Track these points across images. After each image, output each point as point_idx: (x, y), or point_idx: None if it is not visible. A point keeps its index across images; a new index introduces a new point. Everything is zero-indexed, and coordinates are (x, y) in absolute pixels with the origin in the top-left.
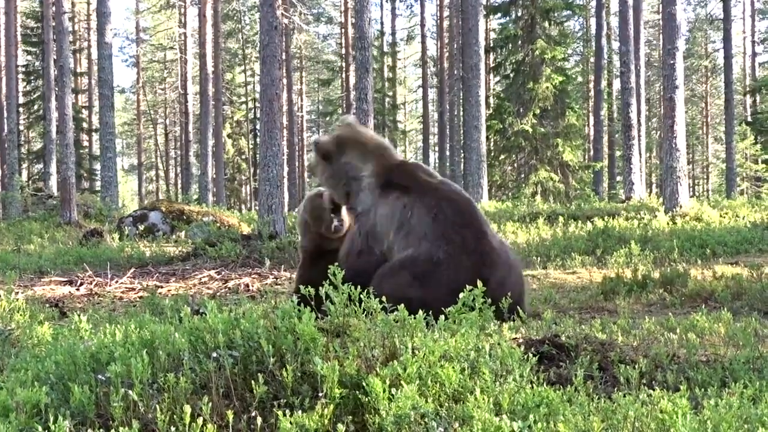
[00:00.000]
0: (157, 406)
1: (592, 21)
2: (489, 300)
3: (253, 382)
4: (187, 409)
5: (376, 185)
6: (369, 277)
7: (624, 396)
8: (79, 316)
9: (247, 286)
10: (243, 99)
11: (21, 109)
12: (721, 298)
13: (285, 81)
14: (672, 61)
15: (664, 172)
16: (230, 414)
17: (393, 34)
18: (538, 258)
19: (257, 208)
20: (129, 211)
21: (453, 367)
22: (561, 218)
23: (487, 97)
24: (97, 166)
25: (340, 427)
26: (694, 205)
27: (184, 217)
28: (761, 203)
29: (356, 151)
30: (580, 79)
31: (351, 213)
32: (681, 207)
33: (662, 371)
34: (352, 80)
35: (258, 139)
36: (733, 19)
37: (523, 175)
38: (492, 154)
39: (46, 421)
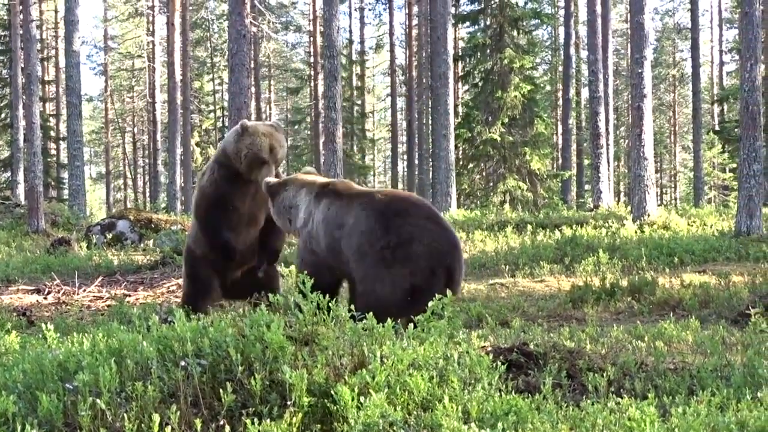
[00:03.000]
0: (125, 415)
1: (561, 30)
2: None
3: (221, 390)
4: (156, 417)
5: (310, 201)
6: (319, 277)
7: (592, 404)
8: (46, 324)
9: None
10: (211, 107)
11: None
12: (689, 307)
13: (253, 89)
14: (640, 70)
15: (632, 181)
16: (198, 422)
17: (362, 42)
18: (507, 266)
19: None
20: (97, 219)
21: (422, 375)
22: (529, 227)
23: (455, 106)
24: (65, 174)
25: None
26: (662, 214)
27: (153, 226)
28: (729, 212)
29: (295, 185)
30: (548, 87)
31: (295, 234)
32: (649, 215)
33: (630, 379)
34: (321, 89)
35: None
36: (700, 28)
37: (491, 184)
38: (460, 162)
39: (14, 430)
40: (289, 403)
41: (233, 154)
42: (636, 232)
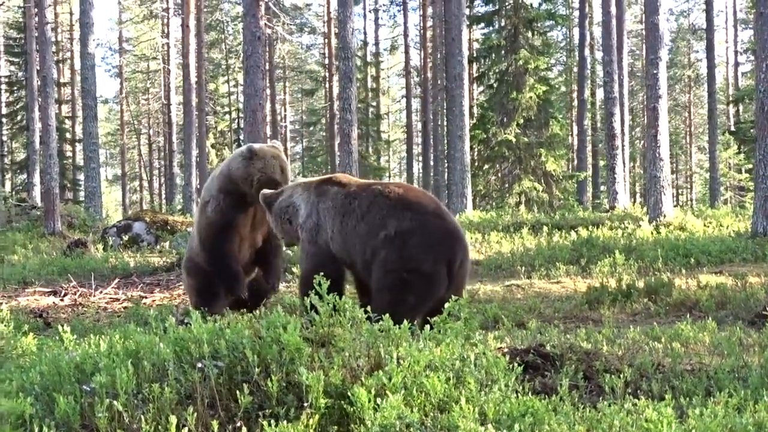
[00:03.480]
0: (142, 417)
1: (576, 31)
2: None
3: (238, 392)
4: (173, 419)
5: (310, 194)
6: (324, 269)
7: (609, 405)
8: (63, 326)
9: None
10: (226, 109)
11: (4, 120)
12: (705, 308)
13: (268, 91)
14: (655, 71)
15: (648, 182)
16: (215, 424)
17: (376, 44)
18: (523, 268)
19: None
20: (113, 221)
21: (438, 377)
22: (545, 228)
23: (470, 107)
24: (81, 176)
25: None
26: (678, 215)
27: (169, 228)
28: (745, 212)
29: (290, 189)
30: (563, 88)
31: (291, 237)
32: (665, 216)
33: (647, 380)
34: (336, 90)
35: None
36: (716, 28)
37: (507, 185)
38: (476, 163)
39: (31, 431)
40: (305, 404)
41: (242, 178)
42: (652, 233)
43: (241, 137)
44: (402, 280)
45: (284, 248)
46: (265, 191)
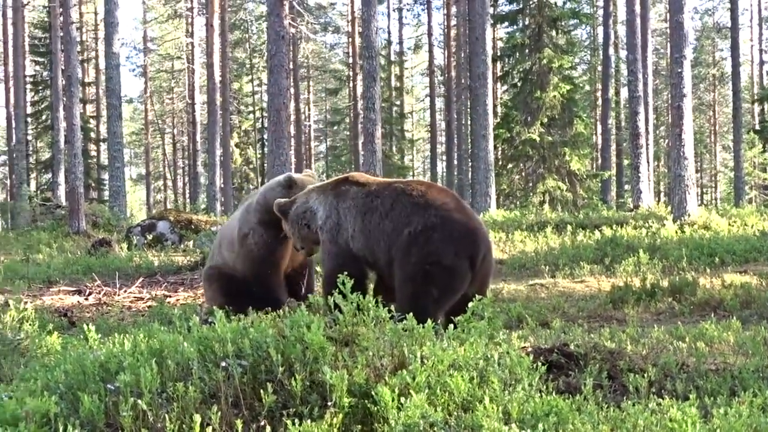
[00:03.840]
0: (167, 416)
1: (600, 30)
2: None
3: (262, 391)
4: (197, 418)
5: (327, 196)
6: (347, 269)
7: (633, 405)
8: (87, 325)
9: None
10: (250, 108)
11: (29, 119)
12: (730, 307)
13: (292, 90)
14: (679, 70)
15: (672, 181)
16: (239, 423)
17: (400, 43)
18: (547, 267)
19: None
20: (137, 220)
21: (462, 376)
22: (569, 227)
23: (494, 106)
24: (106, 175)
25: None
26: (703, 214)
27: (193, 227)
28: None
29: (303, 195)
30: (587, 87)
31: (304, 247)
32: (689, 215)
33: (671, 380)
34: (360, 89)
35: (266, 149)
36: (740, 27)
37: (530, 184)
38: (500, 162)
39: (56, 430)
40: (329, 403)
41: None
42: (676, 232)
43: (265, 136)
44: (424, 272)
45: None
46: (279, 200)
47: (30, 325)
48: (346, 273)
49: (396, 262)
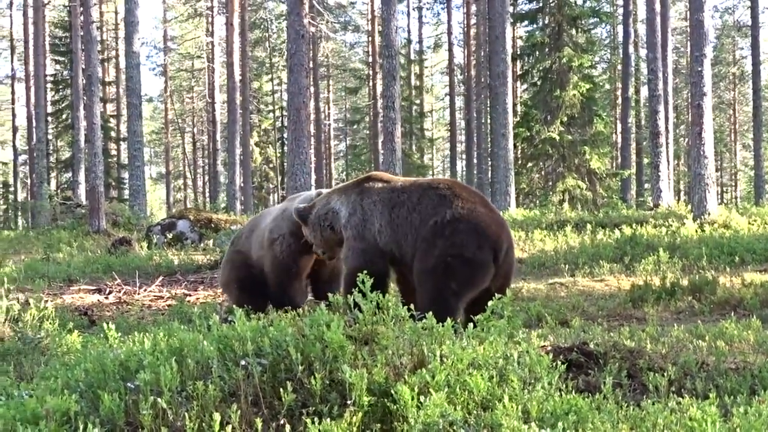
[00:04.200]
0: (186, 414)
1: (620, 28)
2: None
3: (281, 389)
4: (216, 416)
5: (350, 195)
6: (371, 264)
7: (653, 404)
8: (107, 324)
9: None
10: (270, 108)
11: (49, 119)
12: (750, 306)
13: (312, 89)
14: (699, 68)
15: (692, 180)
16: (259, 422)
17: (420, 42)
18: (566, 266)
19: None
20: (157, 219)
21: (481, 375)
22: (589, 226)
23: (514, 105)
24: (126, 174)
25: None
26: (723, 213)
27: (212, 226)
28: None
29: (322, 199)
30: (607, 86)
31: (344, 231)
32: (709, 214)
33: (691, 379)
34: (380, 88)
35: (285, 148)
36: (761, 25)
37: (550, 183)
38: (519, 161)
39: (76, 429)
40: (349, 402)
41: None
42: (696, 231)
43: (285, 135)
44: (446, 264)
45: None
46: (299, 206)
47: (50, 323)
48: (366, 272)
49: (418, 253)
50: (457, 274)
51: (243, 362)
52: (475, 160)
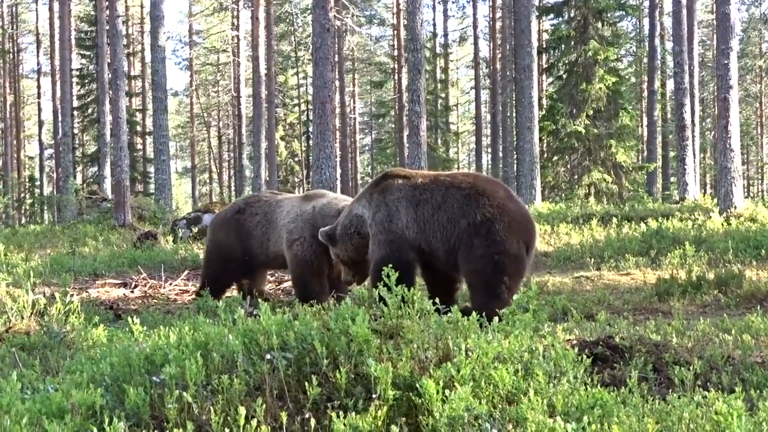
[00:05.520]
0: (212, 408)
1: (646, 21)
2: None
3: (306, 383)
4: (242, 410)
5: (371, 196)
6: (400, 254)
7: (678, 397)
8: (133, 318)
9: None
10: (296, 101)
11: (75, 113)
12: None
13: (337, 83)
14: (726, 61)
15: (719, 173)
16: (284, 415)
17: (445, 35)
18: (592, 259)
19: None
20: (183, 213)
21: (507, 369)
22: (614, 219)
23: (539, 99)
24: (151, 168)
25: (394, 428)
26: (749, 206)
27: None
28: None
29: (345, 211)
30: (633, 79)
31: (370, 229)
32: (735, 208)
33: (717, 373)
34: (405, 82)
35: (311, 142)
36: None
37: (576, 177)
38: (545, 155)
39: (101, 422)
40: (374, 396)
41: None
42: (722, 224)
43: (310, 129)
44: (494, 262)
45: None
46: (322, 230)
47: (76, 317)
48: (394, 262)
49: (460, 255)
50: (507, 269)
51: (268, 356)
52: (500, 154)
